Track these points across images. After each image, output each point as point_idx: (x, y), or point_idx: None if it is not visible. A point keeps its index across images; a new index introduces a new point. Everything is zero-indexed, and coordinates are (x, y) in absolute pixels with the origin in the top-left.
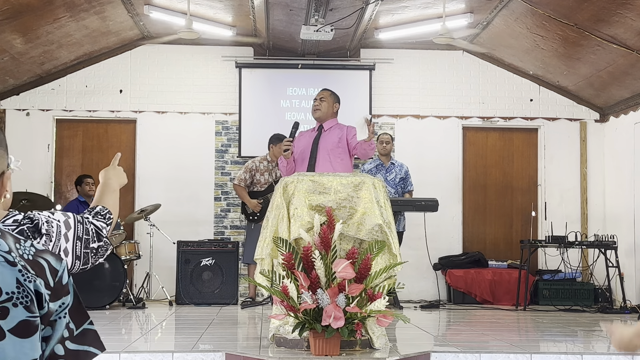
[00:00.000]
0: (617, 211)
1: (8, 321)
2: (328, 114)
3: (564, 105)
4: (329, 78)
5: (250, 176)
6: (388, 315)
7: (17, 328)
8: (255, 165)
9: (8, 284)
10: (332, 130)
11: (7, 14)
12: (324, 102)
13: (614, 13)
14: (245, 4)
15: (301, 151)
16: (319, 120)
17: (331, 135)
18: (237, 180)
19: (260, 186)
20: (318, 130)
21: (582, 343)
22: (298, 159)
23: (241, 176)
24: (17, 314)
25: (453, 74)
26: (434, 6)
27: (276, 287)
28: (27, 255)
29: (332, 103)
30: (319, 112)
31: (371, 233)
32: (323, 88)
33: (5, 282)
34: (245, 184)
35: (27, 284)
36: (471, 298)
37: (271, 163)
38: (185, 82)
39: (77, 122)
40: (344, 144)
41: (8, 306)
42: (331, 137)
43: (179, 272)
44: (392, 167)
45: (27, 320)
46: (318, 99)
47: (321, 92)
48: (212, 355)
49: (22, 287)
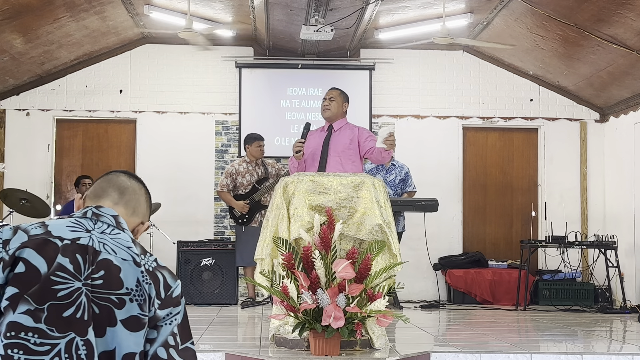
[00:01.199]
0: (617, 211)
1: (123, 312)
2: (338, 114)
3: (564, 105)
4: (329, 78)
5: (232, 180)
6: (388, 315)
7: (128, 320)
8: (235, 169)
9: (130, 281)
10: (342, 131)
11: (7, 14)
12: (334, 101)
13: (614, 13)
14: (245, 4)
15: (312, 152)
16: (329, 120)
17: (342, 136)
18: (219, 187)
19: (244, 188)
20: (328, 130)
21: (582, 343)
22: (308, 159)
23: (223, 182)
24: (131, 308)
25: (453, 74)
26: (434, 6)
27: (276, 287)
28: (149, 266)
29: (341, 102)
30: (329, 111)
31: (371, 233)
32: (332, 87)
33: (128, 278)
34: (228, 188)
35: (145, 285)
36: (471, 298)
37: (250, 164)
38: (185, 82)
39: (77, 122)
40: (355, 146)
41: (126, 299)
42: (342, 139)
43: (179, 272)
44: (392, 168)
45: (138, 316)
46: (327, 99)
47: (330, 92)
48: (212, 355)
49: (140, 287)
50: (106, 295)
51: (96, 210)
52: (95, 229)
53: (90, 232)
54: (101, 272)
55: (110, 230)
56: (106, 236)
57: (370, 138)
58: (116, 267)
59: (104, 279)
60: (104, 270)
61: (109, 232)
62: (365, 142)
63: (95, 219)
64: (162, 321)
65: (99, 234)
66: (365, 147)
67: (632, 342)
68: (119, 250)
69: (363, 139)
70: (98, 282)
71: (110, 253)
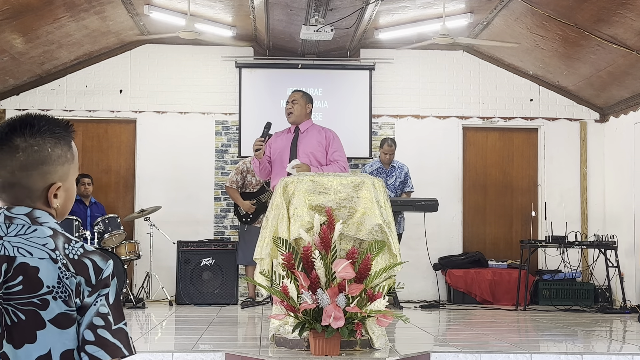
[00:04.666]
0: (617, 211)
1: (48, 312)
2: (301, 115)
3: (564, 105)
4: (329, 78)
5: (242, 177)
6: (388, 315)
7: (56, 319)
8: (246, 167)
9: (50, 279)
10: (309, 132)
11: (7, 14)
12: (296, 104)
13: (614, 13)
14: (245, 4)
15: (279, 153)
16: (294, 123)
17: (309, 137)
18: (228, 183)
19: (252, 187)
20: (295, 132)
21: (582, 343)
22: (276, 160)
23: (232, 178)
24: (56, 306)
25: (453, 74)
26: (434, 6)
27: (276, 287)
28: (74, 255)
29: (304, 104)
30: (293, 115)
31: (371, 233)
32: (294, 89)
33: (48, 276)
34: (237, 185)
35: (65, 280)
36: (471, 298)
37: None
38: (185, 82)
39: (77, 122)
40: (323, 149)
41: (48, 298)
42: (310, 140)
43: (179, 272)
44: (392, 170)
45: (66, 313)
46: (290, 102)
47: (292, 94)
48: (212, 355)
49: (62, 283)
50: (28, 299)
51: (8, 213)
52: (8, 233)
53: (2, 238)
54: (19, 278)
55: (25, 229)
56: (20, 238)
57: (337, 153)
58: (34, 269)
59: (23, 284)
60: (22, 275)
61: (23, 232)
62: (333, 154)
63: (9, 223)
64: (90, 306)
65: (13, 238)
66: (330, 157)
67: (632, 342)
68: (34, 250)
69: (331, 151)
70: (18, 289)
71: (25, 256)
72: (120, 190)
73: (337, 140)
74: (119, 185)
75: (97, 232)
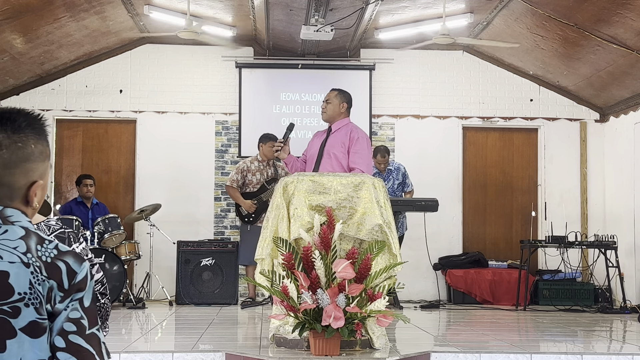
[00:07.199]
0: (617, 211)
1: (20, 320)
2: (335, 115)
3: (564, 105)
4: (329, 78)
5: (242, 177)
6: (388, 315)
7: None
8: (247, 166)
9: (22, 285)
10: (339, 132)
11: (7, 14)
12: (330, 103)
13: (614, 13)
14: (245, 4)
15: (312, 153)
16: (328, 122)
17: (337, 137)
18: (229, 182)
19: (252, 187)
20: (327, 131)
21: (582, 343)
22: (308, 161)
23: (233, 177)
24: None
25: (453, 74)
26: (434, 6)
27: (276, 287)
28: (47, 258)
29: (338, 103)
30: (325, 114)
31: (371, 233)
32: (332, 88)
33: (19, 282)
34: (238, 184)
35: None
36: (471, 298)
37: (262, 163)
38: (185, 82)
39: (77, 122)
40: (345, 150)
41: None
42: (336, 140)
43: (179, 272)
44: (389, 173)
45: (37, 321)
46: (325, 101)
47: (328, 93)
48: (212, 355)
49: (34, 289)
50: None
51: None
52: None
53: None
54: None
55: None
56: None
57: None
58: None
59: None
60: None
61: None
62: (353, 156)
63: None
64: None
65: None
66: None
67: (632, 342)
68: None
69: (352, 153)
70: None
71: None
72: (120, 190)
73: (361, 142)
74: (119, 185)
75: (97, 232)
